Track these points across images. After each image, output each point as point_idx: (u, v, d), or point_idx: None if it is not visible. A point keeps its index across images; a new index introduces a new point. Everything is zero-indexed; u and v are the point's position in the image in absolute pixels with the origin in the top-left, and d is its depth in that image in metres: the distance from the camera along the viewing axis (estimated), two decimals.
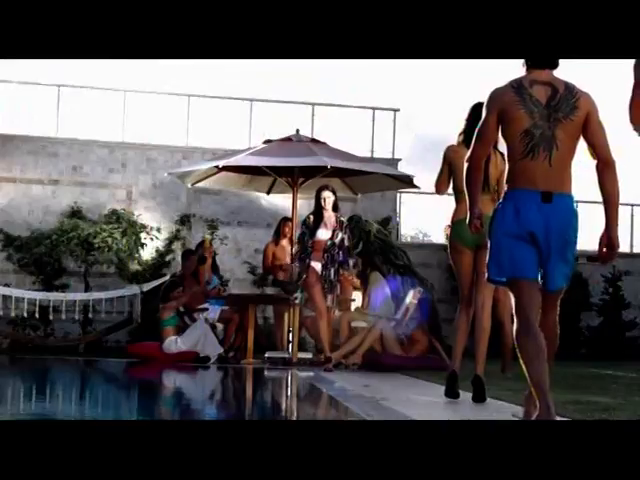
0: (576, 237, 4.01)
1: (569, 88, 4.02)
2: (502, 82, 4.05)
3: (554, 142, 3.92)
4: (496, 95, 4.02)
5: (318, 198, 8.77)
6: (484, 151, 4.17)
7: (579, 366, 9.91)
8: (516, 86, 4.00)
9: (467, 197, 4.22)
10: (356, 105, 14.47)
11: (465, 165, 4.22)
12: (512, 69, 4.12)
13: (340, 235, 8.72)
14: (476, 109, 5.22)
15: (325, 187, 8.85)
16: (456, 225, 5.50)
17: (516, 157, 3.98)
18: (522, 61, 4.10)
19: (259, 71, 15.73)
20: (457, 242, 5.54)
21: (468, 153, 4.20)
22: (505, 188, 4.04)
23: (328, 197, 8.71)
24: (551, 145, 3.92)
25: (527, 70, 4.08)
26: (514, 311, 3.94)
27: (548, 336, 3.91)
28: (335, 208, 8.82)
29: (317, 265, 8.67)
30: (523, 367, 3.78)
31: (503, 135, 4.04)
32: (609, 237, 3.95)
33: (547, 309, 4.03)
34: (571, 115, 3.97)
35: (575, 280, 13.68)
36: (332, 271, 8.67)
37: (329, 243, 8.67)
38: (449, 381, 5.52)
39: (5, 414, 4.53)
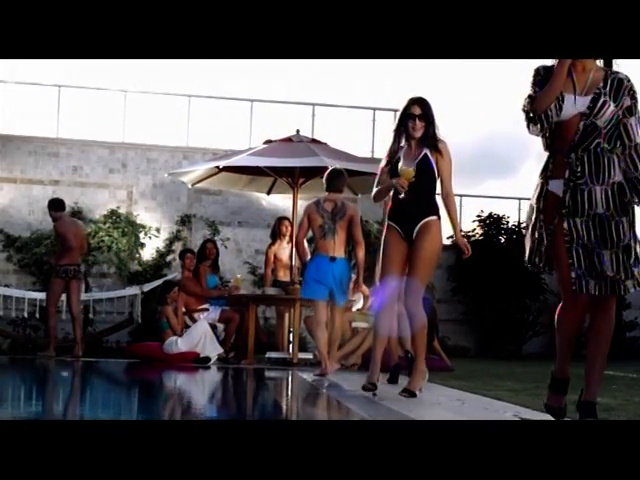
0: (349, 278, 7.64)
1: (344, 204, 7.54)
2: (501, 81, 4.08)
3: (335, 232, 7.48)
4: (307, 207, 7.66)
5: None
6: (304, 232, 7.77)
7: (579, 366, 9.89)
8: (316, 202, 7.60)
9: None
10: (356, 105, 14.48)
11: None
12: (511, 69, 4.13)
13: (611, 106, 3.92)
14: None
15: None
16: None
17: (317, 239, 7.60)
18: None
19: (259, 71, 15.72)
20: None
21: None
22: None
23: None
24: (333, 233, 7.48)
25: (327, 192, 7.53)
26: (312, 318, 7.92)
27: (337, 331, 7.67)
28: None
29: (555, 184, 4.02)
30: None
31: (310, 230, 7.68)
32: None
33: (334, 316, 7.57)
34: (342, 218, 7.50)
35: None
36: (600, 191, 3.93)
37: (582, 125, 3.93)
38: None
39: (5, 414, 4.53)
